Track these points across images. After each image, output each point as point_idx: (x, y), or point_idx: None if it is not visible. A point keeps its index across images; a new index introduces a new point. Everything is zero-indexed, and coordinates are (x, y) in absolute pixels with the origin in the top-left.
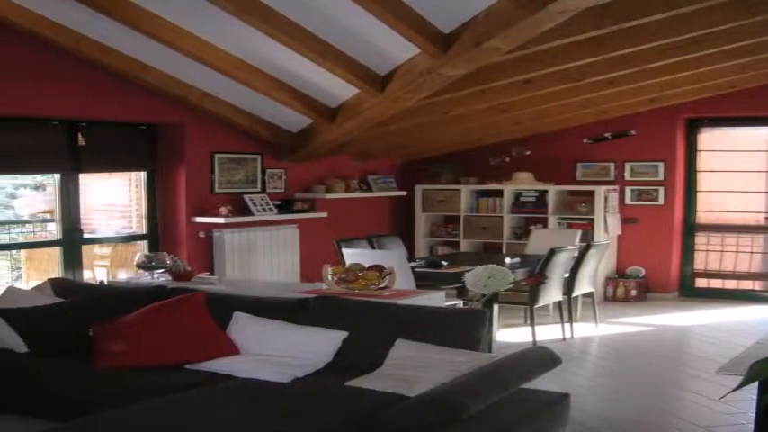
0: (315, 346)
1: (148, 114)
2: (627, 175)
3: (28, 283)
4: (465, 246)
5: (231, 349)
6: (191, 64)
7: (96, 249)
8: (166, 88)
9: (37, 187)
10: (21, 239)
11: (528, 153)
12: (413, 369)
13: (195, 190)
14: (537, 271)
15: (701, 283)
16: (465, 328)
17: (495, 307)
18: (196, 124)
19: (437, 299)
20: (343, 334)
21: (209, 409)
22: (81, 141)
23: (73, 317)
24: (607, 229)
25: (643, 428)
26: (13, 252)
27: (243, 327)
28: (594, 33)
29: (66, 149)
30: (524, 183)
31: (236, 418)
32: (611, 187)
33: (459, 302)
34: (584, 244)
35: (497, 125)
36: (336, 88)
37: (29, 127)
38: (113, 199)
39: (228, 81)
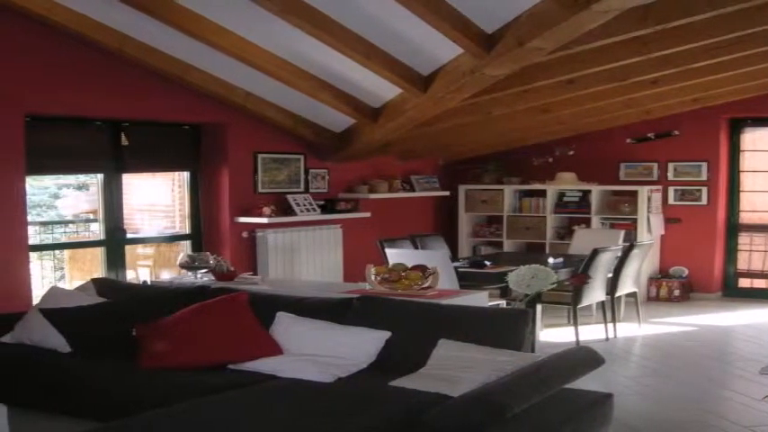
0: (358, 347)
1: (191, 114)
2: (670, 175)
3: (71, 283)
4: (508, 246)
5: (274, 349)
6: (234, 64)
7: (139, 249)
8: (210, 88)
9: (80, 187)
10: (64, 239)
11: (571, 153)
12: (456, 369)
13: (238, 190)
14: (580, 271)
15: (744, 283)
16: (508, 329)
17: (539, 307)
18: (239, 124)
19: (480, 299)
20: (387, 334)
21: (252, 410)
22: (124, 141)
23: (116, 317)
24: (650, 229)
25: (686, 428)
26: (57, 252)
27: (286, 327)
28: (638, 33)
29: (110, 149)
30: (567, 183)
31: (280, 418)
32: (654, 187)
33: (503, 302)
34: (628, 244)
35: (540, 125)
36: (379, 88)
37: (72, 127)
38: (156, 199)
39: (272, 81)
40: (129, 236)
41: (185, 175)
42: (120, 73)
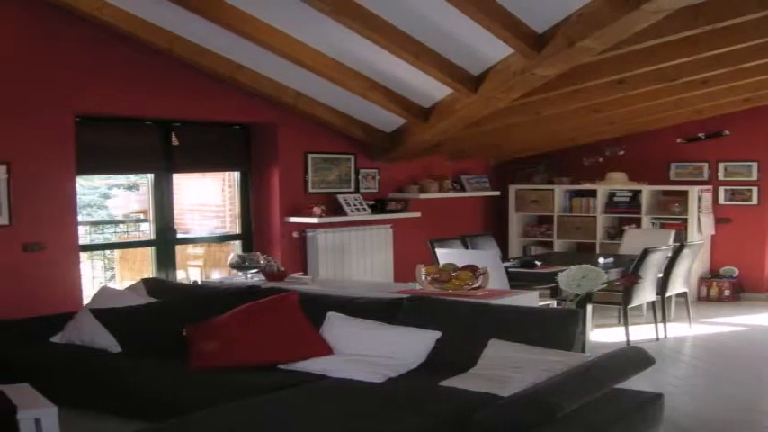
0: (408, 347)
1: (242, 114)
2: (720, 175)
3: (121, 283)
4: (558, 246)
5: (325, 349)
6: (285, 64)
7: (190, 249)
8: (260, 88)
9: (130, 187)
10: (114, 239)
11: (621, 153)
12: (506, 369)
13: (289, 190)
14: (630, 271)
15: None
16: (558, 329)
17: (589, 307)
18: (290, 124)
19: (530, 299)
20: (437, 334)
21: (303, 409)
22: (174, 141)
23: (166, 317)
24: (701, 229)
25: (736, 428)
26: (107, 252)
27: (336, 327)
28: (688, 33)
29: (160, 149)
30: (618, 183)
31: (330, 417)
32: (704, 187)
33: (553, 302)
34: (678, 244)
35: (590, 125)
36: (430, 88)
37: (123, 127)
38: (207, 199)
39: (322, 81)
40: (179, 236)
41: (235, 174)
42: (170, 73)
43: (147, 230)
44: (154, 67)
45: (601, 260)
